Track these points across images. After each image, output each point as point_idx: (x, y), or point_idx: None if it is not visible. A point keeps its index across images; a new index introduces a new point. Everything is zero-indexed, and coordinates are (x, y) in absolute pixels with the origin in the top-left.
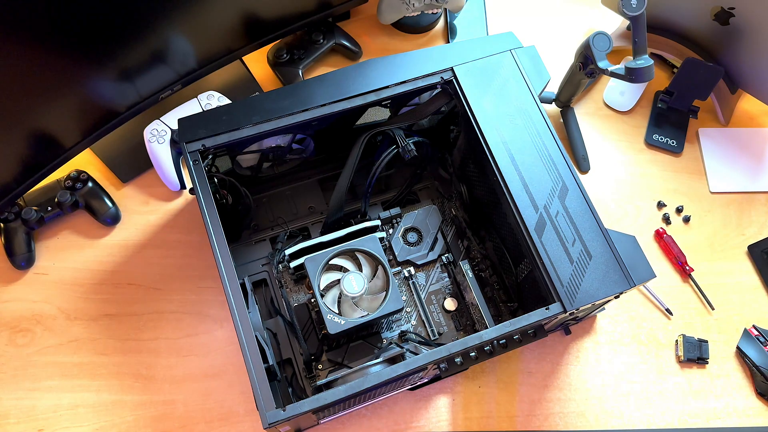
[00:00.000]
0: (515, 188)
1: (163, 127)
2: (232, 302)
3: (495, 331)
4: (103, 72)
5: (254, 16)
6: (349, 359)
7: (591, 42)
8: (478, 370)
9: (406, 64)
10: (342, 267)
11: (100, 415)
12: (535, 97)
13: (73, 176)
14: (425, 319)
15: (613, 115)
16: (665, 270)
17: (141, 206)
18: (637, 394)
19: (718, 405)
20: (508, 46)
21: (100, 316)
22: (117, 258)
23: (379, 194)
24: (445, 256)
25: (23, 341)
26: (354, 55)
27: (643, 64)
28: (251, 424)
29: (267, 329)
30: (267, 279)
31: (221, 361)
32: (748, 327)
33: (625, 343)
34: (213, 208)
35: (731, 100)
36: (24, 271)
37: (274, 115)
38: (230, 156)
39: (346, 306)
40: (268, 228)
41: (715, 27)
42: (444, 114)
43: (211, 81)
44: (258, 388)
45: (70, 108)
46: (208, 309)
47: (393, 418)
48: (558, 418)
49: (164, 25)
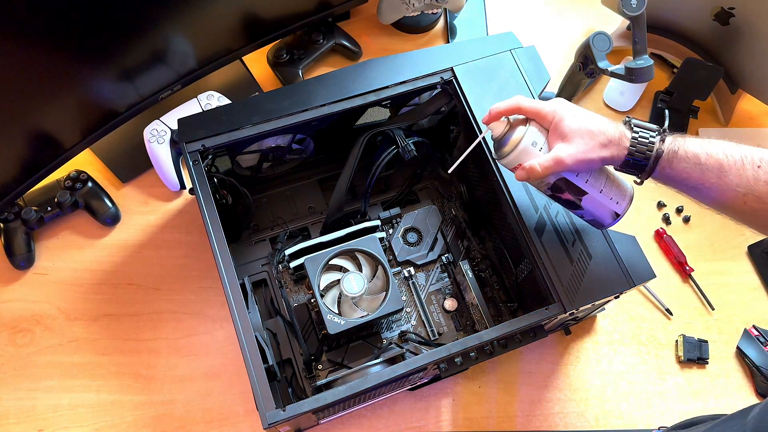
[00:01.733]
0: (515, 188)
1: (163, 127)
2: (232, 302)
3: (495, 331)
4: (103, 72)
5: (254, 16)
6: (349, 359)
7: (591, 42)
8: (478, 371)
9: (406, 64)
10: (342, 267)
11: (100, 415)
12: (535, 97)
13: (72, 176)
14: (425, 320)
15: (613, 115)
16: (665, 270)
17: (141, 206)
18: (637, 394)
19: (718, 405)
20: (508, 46)
21: (100, 316)
22: (117, 258)
23: (379, 194)
24: (445, 256)
25: (23, 341)
26: (354, 55)
27: (643, 64)
28: (251, 424)
29: (267, 329)
30: (267, 279)
31: (221, 361)
32: (748, 327)
33: (625, 343)
34: (213, 209)
35: (731, 100)
36: (24, 271)
37: (274, 115)
38: (230, 156)
39: (346, 306)
40: (268, 228)
41: (715, 27)
42: (444, 114)
43: (211, 81)
44: (258, 389)
45: (70, 108)
46: (208, 309)
47: (393, 418)
48: (558, 418)
49: (164, 24)
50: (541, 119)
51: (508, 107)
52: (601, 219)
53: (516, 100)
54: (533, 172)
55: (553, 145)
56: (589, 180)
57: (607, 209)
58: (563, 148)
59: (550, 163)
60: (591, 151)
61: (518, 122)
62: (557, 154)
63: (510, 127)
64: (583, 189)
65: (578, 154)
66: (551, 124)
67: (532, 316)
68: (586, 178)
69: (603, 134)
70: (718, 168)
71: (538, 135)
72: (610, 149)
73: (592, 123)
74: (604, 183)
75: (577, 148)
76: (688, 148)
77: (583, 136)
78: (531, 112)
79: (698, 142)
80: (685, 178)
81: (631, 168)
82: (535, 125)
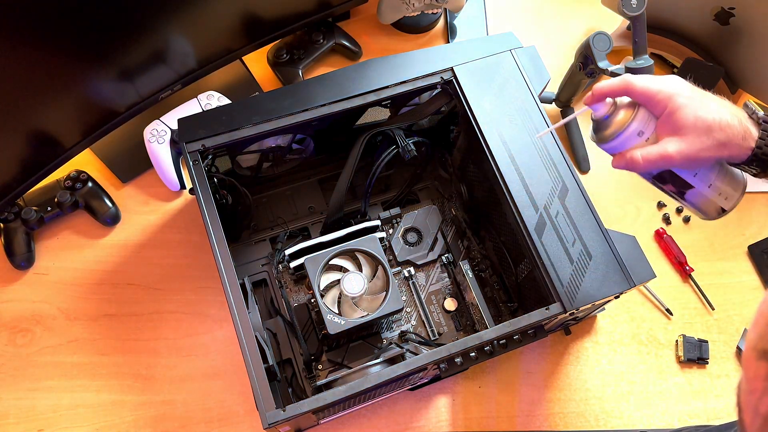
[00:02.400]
0: (515, 188)
1: (163, 127)
2: (232, 302)
3: (495, 331)
4: (103, 72)
5: (254, 16)
6: (349, 359)
7: (591, 42)
8: (478, 371)
9: (406, 64)
10: (342, 267)
11: (100, 415)
12: (535, 97)
13: (72, 176)
14: (425, 319)
15: None
16: (665, 270)
17: (141, 206)
18: (637, 394)
19: (718, 405)
20: (508, 46)
21: (100, 316)
22: (117, 258)
23: (379, 194)
24: (445, 256)
25: (23, 341)
26: (354, 55)
27: (643, 64)
28: (251, 424)
29: (267, 329)
30: (267, 279)
31: (221, 361)
32: (748, 327)
33: (625, 343)
34: (213, 208)
35: (731, 100)
36: (24, 271)
37: (274, 115)
38: (230, 156)
39: (346, 306)
40: (268, 228)
41: (715, 27)
42: (444, 114)
43: (211, 81)
44: (258, 389)
45: (70, 108)
46: (208, 309)
47: (393, 418)
48: (558, 418)
49: (164, 24)
50: (653, 106)
51: (616, 87)
52: (705, 212)
53: (625, 81)
54: (634, 164)
55: (663, 136)
56: (698, 174)
57: (714, 204)
58: (674, 143)
59: (655, 157)
60: (706, 150)
61: (624, 105)
62: (665, 149)
63: (615, 108)
64: (690, 183)
65: (690, 152)
66: (664, 112)
67: (532, 316)
68: (695, 172)
69: (722, 131)
70: None
71: (647, 124)
72: (730, 149)
73: (712, 115)
74: (715, 177)
75: (690, 146)
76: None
77: (699, 133)
78: (642, 95)
79: None
80: None
81: (754, 167)
82: (644, 112)
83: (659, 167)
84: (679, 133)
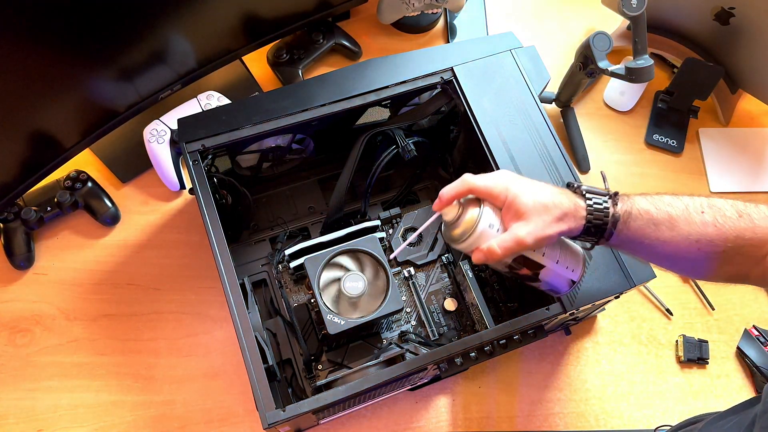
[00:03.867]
0: None
1: (163, 127)
2: (231, 302)
3: (495, 331)
4: (103, 72)
5: (254, 16)
6: (349, 359)
7: (591, 42)
8: (478, 371)
9: (406, 64)
10: (342, 267)
11: (100, 415)
12: (535, 97)
13: (72, 176)
14: (425, 320)
15: (613, 115)
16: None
17: (141, 206)
18: (637, 394)
19: (718, 405)
20: (508, 46)
21: (100, 316)
22: (116, 258)
23: (379, 194)
24: (444, 256)
25: (23, 341)
26: (354, 55)
27: (643, 64)
28: (251, 424)
29: (267, 329)
30: (267, 279)
31: (221, 361)
32: (748, 327)
33: (625, 343)
34: (213, 208)
35: (731, 100)
36: (23, 271)
37: (274, 115)
38: (230, 156)
39: (346, 306)
40: (268, 228)
41: (715, 27)
42: (444, 114)
43: (211, 81)
44: (258, 389)
45: (69, 108)
46: (208, 309)
47: (393, 418)
48: (558, 419)
49: (164, 24)
50: (494, 199)
51: (458, 190)
52: (558, 288)
53: (465, 182)
54: (492, 254)
55: (509, 224)
56: (546, 252)
57: (563, 278)
58: (521, 227)
59: (510, 243)
60: (548, 227)
61: (470, 203)
62: (517, 234)
63: (463, 210)
64: (541, 263)
65: (537, 232)
66: (504, 203)
67: (532, 316)
68: (542, 251)
69: (557, 208)
70: (668, 220)
71: (493, 216)
72: (567, 222)
73: (545, 197)
74: (559, 253)
75: (535, 226)
76: (640, 207)
77: (540, 213)
78: (482, 192)
79: (645, 199)
80: (640, 236)
81: (590, 236)
82: (488, 206)
83: (515, 252)
84: (523, 217)
